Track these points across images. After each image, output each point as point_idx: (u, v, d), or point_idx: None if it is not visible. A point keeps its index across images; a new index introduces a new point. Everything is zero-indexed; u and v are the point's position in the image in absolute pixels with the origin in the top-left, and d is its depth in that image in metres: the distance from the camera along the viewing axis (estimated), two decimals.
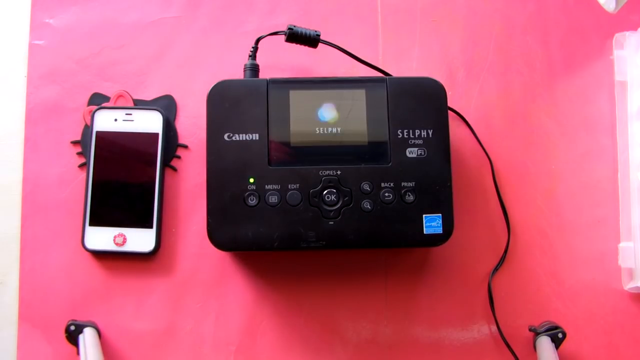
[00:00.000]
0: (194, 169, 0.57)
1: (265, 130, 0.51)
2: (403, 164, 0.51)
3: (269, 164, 0.51)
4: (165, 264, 0.56)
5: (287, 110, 0.52)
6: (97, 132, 0.56)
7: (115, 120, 0.56)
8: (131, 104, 0.58)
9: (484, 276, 0.57)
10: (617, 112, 0.59)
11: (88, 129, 0.57)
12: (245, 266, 0.57)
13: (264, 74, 0.56)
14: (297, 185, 0.51)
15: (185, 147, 0.58)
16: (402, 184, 0.51)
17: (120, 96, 0.58)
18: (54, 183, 0.57)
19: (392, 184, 0.51)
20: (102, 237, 0.55)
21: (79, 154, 0.57)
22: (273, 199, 0.51)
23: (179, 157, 0.58)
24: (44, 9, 0.60)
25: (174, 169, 0.57)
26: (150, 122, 0.56)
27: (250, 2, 0.60)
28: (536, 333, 0.55)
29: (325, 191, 0.51)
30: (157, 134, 0.56)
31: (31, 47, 0.59)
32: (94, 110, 0.56)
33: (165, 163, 0.57)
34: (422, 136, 0.52)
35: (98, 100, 0.58)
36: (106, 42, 0.59)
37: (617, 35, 0.59)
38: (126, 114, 0.56)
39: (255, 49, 0.56)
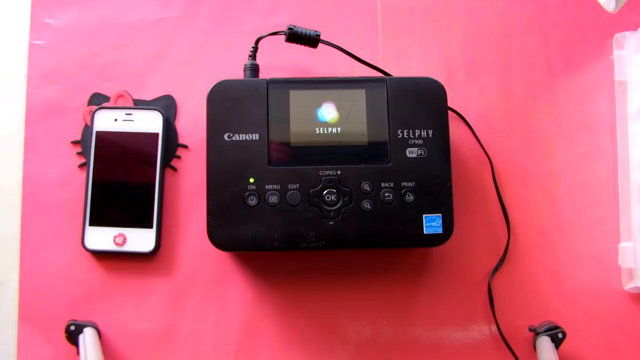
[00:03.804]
0: (194, 169, 0.57)
1: (265, 130, 0.51)
2: (403, 164, 0.51)
3: (269, 164, 0.51)
4: (165, 264, 0.56)
5: (287, 110, 0.52)
6: (97, 132, 0.56)
7: (115, 120, 0.56)
8: (131, 104, 0.58)
9: (484, 276, 0.57)
10: (617, 112, 0.59)
11: (88, 129, 0.57)
12: (245, 266, 0.57)
13: (264, 74, 0.56)
14: (297, 185, 0.51)
15: (185, 147, 0.58)
16: (402, 184, 0.51)
17: (120, 96, 0.58)
18: (54, 183, 0.57)
19: (392, 184, 0.51)
20: (102, 237, 0.55)
21: (79, 154, 0.57)
22: (273, 199, 0.51)
23: (179, 157, 0.58)
24: (44, 9, 0.60)
25: (174, 169, 0.57)
26: (150, 122, 0.56)
27: (250, 2, 0.60)
28: (536, 333, 0.55)
29: (325, 191, 0.51)
30: (157, 134, 0.56)
31: (31, 47, 0.59)
32: (94, 110, 0.56)
33: (165, 163, 0.57)
34: (422, 136, 0.52)
35: (98, 100, 0.58)
36: (106, 42, 0.59)
37: (617, 35, 0.59)
38: (126, 114, 0.56)
39: (255, 49, 0.56)
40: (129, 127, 0.56)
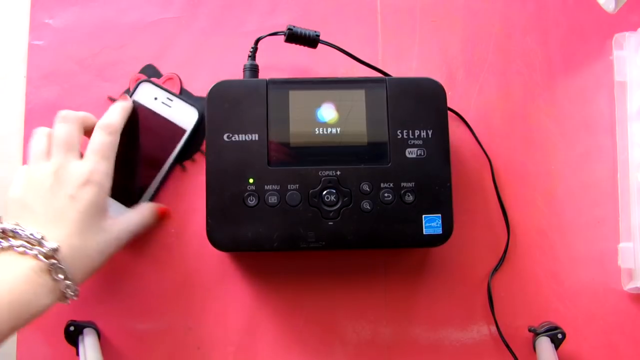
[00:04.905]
0: (194, 169, 0.57)
1: (264, 131, 0.51)
2: (403, 164, 0.51)
3: (269, 164, 0.51)
4: (166, 263, 0.56)
5: (287, 110, 0.52)
6: (134, 101, 0.55)
7: (155, 99, 0.56)
8: (178, 91, 0.57)
9: (483, 276, 0.57)
10: (617, 112, 0.58)
11: (127, 93, 0.56)
12: (245, 266, 0.57)
13: (263, 74, 0.56)
14: (297, 185, 0.51)
15: (204, 153, 0.57)
16: (402, 184, 0.51)
17: (169, 79, 0.58)
18: None
19: (391, 185, 0.51)
20: None
21: None
22: (273, 200, 0.51)
23: (193, 160, 0.57)
24: (44, 9, 0.60)
25: (184, 168, 0.57)
26: (184, 116, 0.56)
27: (250, 2, 0.60)
28: (536, 333, 0.55)
29: (325, 191, 0.51)
30: (184, 130, 0.56)
31: (31, 47, 0.59)
32: (140, 80, 0.56)
33: (178, 161, 0.57)
34: (422, 136, 0.52)
35: (150, 72, 0.58)
36: (106, 42, 0.59)
37: (617, 36, 0.59)
38: (167, 98, 0.56)
39: (255, 49, 0.56)
40: (163, 111, 0.56)
